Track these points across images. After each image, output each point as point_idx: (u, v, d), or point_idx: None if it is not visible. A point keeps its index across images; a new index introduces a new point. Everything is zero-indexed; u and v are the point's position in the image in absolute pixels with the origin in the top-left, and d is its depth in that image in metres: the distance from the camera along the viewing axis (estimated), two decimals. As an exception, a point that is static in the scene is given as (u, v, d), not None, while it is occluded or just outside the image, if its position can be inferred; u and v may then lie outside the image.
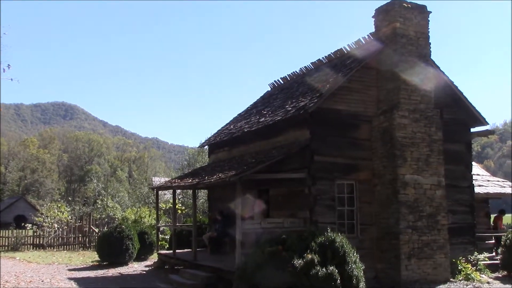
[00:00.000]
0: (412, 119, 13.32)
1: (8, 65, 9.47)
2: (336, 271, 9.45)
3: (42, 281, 14.39)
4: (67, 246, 25.74)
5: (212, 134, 20.81)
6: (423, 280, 12.75)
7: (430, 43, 13.95)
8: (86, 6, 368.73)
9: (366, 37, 15.09)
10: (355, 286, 9.67)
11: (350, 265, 9.74)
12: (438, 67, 14.70)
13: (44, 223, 27.24)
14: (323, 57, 17.32)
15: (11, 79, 10.07)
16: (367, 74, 14.01)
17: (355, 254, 10.15)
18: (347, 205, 13.51)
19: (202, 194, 33.69)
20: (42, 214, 29.04)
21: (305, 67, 18.39)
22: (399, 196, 12.89)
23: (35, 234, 26.24)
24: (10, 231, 26.59)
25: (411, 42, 13.59)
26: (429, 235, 13.11)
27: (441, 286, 12.54)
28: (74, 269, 17.42)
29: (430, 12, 13.99)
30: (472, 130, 15.82)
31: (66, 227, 26.93)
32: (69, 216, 29.15)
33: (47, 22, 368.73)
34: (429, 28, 13.98)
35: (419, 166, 13.22)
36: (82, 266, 18.36)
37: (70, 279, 14.91)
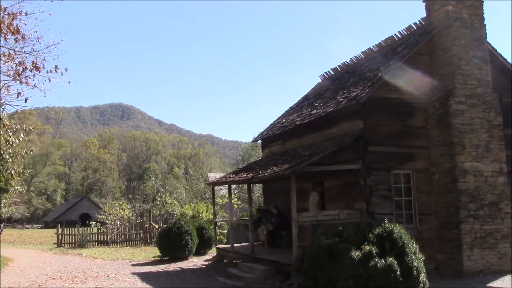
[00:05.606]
0: (469, 105, 12.89)
1: (66, 68, 9.86)
2: (395, 262, 9.27)
3: (108, 276, 15.00)
4: (130, 242, 26.65)
5: (265, 128, 20.91)
6: (487, 271, 12.36)
7: (485, 25, 13.42)
8: (139, 7, 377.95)
9: (417, 22, 14.73)
10: (416, 277, 9.46)
11: (409, 256, 9.52)
12: (495, 49, 14.13)
13: (107, 221, 28.38)
14: (373, 46, 17.04)
15: (69, 82, 10.50)
16: (420, 60, 13.65)
17: (414, 245, 9.90)
18: (404, 195, 13.26)
19: (257, 188, 33.92)
20: (104, 212, 30.27)
21: (355, 56, 18.14)
22: (458, 185, 12.54)
23: (99, 231, 27.33)
24: (76, 229, 27.85)
25: (465, 25, 13.13)
26: (492, 224, 12.68)
27: (506, 277, 12.09)
28: (137, 264, 18.04)
29: (485, -8, 13.47)
30: (535, 113, 15.12)
31: (127, 224, 27.90)
32: (130, 213, 30.17)
33: (100, 26, 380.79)
34: (484, 9, 13.47)
35: (479, 153, 12.79)
36: (144, 261, 18.98)
37: (134, 273, 15.47)
